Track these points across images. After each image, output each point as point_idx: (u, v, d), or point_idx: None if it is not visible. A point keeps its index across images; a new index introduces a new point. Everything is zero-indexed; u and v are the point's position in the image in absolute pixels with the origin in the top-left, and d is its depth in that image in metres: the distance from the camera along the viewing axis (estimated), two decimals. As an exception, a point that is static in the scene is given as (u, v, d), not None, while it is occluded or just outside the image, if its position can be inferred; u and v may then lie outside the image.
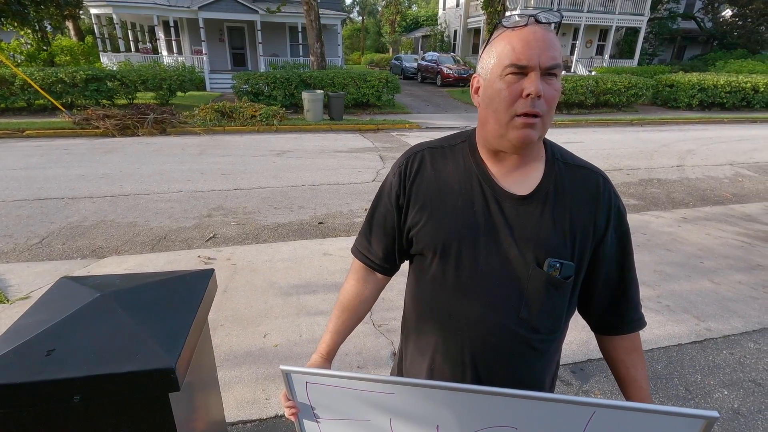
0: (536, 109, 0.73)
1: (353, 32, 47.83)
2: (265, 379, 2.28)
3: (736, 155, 8.27)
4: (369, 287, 1.01)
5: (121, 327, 0.53)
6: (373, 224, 0.97)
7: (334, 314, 1.01)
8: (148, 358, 0.49)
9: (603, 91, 13.02)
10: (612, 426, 0.64)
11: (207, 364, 0.73)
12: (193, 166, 6.60)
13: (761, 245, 4.16)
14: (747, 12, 23.99)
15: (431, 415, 0.71)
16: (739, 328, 2.83)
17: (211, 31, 18.53)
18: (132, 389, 0.49)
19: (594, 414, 0.63)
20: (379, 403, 0.73)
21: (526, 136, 0.75)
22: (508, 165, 0.83)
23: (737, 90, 13.88)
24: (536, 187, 0.82)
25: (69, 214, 4.56)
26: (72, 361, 0.49)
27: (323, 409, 0.79)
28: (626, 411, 0.63)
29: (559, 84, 0.77)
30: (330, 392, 0.75)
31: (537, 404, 0.65)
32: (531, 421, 0.66)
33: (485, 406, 0.66)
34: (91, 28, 20.21)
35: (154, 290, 0.59)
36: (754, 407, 2.19)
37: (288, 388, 0.77)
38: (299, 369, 0.75)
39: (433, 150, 0.91)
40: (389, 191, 0.92)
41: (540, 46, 0.73)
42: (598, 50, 23.94)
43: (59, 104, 9.95)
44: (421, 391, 0.70)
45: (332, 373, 0.74)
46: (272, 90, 11.38)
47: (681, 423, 0.61)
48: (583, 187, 0.84)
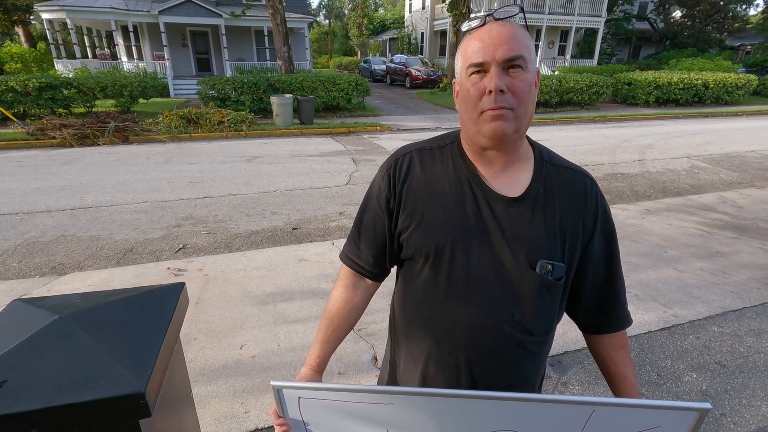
0: (500, 104, 0.73)
1: (320, 36, 47.61)
2: (244, 392, 2.21)
3: (691, 148, 8.71)
4: (359, 294, 0.97)
5: (82, 352, 0.48)
6: (362, 229, 0.94)
7: (323, 323, 0.97)
8: (115, 384, 0.45)
9: (566, 90, 13.46)
10: (609, 423, 0.64)
11: (180, 383, 0.68)
12: (158, 174, 6.37)
13: (719, 233, 4.38)
14: (695, 13, 25.41)
15: (430, 425, 0.70)
16: (703, 313, 2.96)
17: (174, 35, 18.00)
18: (98, 419, 0.45)
19: (593, 412, 0.64)
20: (377, 414, 0.71)
21: (496, 128, 0.75)
22: (497, 166, 0.83)
23: (690, 87, 14.65)
24: (526, 188, 0.82)
25: (25, 230, 4.31)
26: (28, 392, 0.44)
27: (316, 426, 0.75)
28: (625, 408, 0.64)
29: (528, 75, 0.75)
30: (324, 406, 0.72)
31: (537, 405, 0.65)
32: (530, 422, 0.66)
33: (484, 411, 0.66)
34: (44, 34, 19.27)
35: (119, 309, 0.55)
36: (721, 388, 2.29)
37: (279, 404, 0.73)
38: (291, 384, 0.70)
39: (422, 151, 0.89)
40: (378, 194, 0.90)
41: (495, 41, 0.73)
42: (560, 50, 24.75)
43: (10, 114, 9.41)
44: (420, 400, 0.68)
45: (327, 386, 0.71)
46: (240, 95, 11.16)
47: (676, 416, 0.63)
48: (571, 188, 0.85)
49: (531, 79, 0.76)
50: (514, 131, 0.77)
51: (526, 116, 0.77)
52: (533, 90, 0.77)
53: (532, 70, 0.77)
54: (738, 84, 15.14)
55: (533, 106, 0.79)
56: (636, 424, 0.64)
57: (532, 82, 0.76)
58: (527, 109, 0.77)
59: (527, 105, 0.76)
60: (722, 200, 5.47)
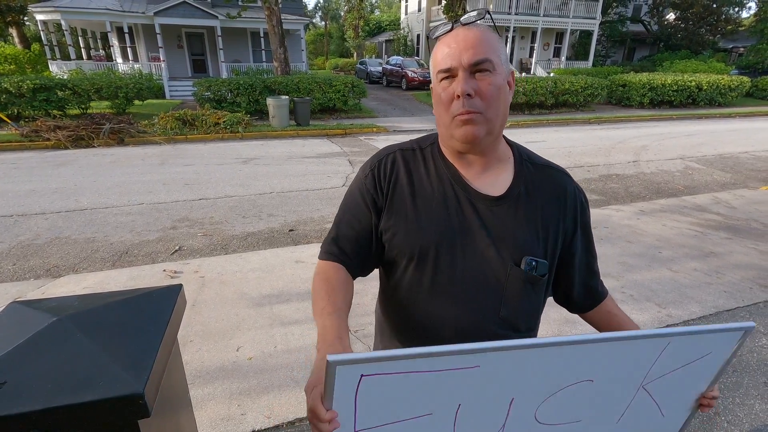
0: (468, 108, 0.74)
1: (317, 37, 47.60)
2: (240, 394, 2.21)
3: (685, 149, 8.78)
4: (343, 273, 0.88)
5: (81, 353, 0.49)
6: (342, 228, 0.90)
7: (323, 297, 0.82)
8: (114, 385, 0.46)
9: (562, 92, 13.53)
10: (677, 355, 0.68)
11: (178, 384, 0.69)
12: (154, 176, 6.34)
13: (712, 233, 4.42)
14: (688, 15, 25.63)
15: (506, 389, 0.62)
16: (697, 313, 2.99)
17: (169, 37, 17.95)
18: (97, 420, 0.45)
19: (668, 344, 0.66)
20: (453, 385, 0.59)
21: (467, 132, 0.76)
22: (477, 168, 0.84)
23: (683, 88, 14.77)
24: (508, 187, 0.84)
25: (19, 233, 4.28)
26: (27, 393, 0.45)
27: (369, 415, 0.57)
28: (694, 336, 0.67)
29: (496, 78, 0.76)
30: (387, 386, 0.55)
31: (612, 347, 0.63)
32: (605, 367, 0.65)
33: (559, 364, 0.62)
34: (38, 35, 19.18)
35: (117, 310, 0.56)
36: (715, 387, 2.31)
37: (328, 390, 0.54)
38: (354, 357, 0.52)
39: (405, 152, 0.89)
40: (363, 192, 0.88)
41: (461, 46, 0.74)
42: (555, 52, 24.90)
43: (4, 116, 9.35)
44: (508, 357, 0.59)
45: (407, 352, 0.54)
46: (236, 96, 11.14)
47: (725, 338, 0.70)
48: (551, 186, 0.87)
49: (500, 82, 0.77)
50: (486, 134, 0.78)
51: (497, 118, 0.78)
52: (503, 92, 0.78)
53: (501, 72, 0.77)
54: (731, 86, 15.28)
55: (505, 108, 0.80)
56: (696, 352, 0.69)
57: (501, 84, 0.77)
58: (498, 111, 0.78)
59: (497, 107, 0.77)
60: (716, 201, 5.52)
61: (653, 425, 0.78)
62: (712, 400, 0.79)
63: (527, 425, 0.67)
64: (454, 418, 0.62)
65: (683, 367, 0.71)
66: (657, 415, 0.77)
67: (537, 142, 9.25)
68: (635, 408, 0.73)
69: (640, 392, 0.71)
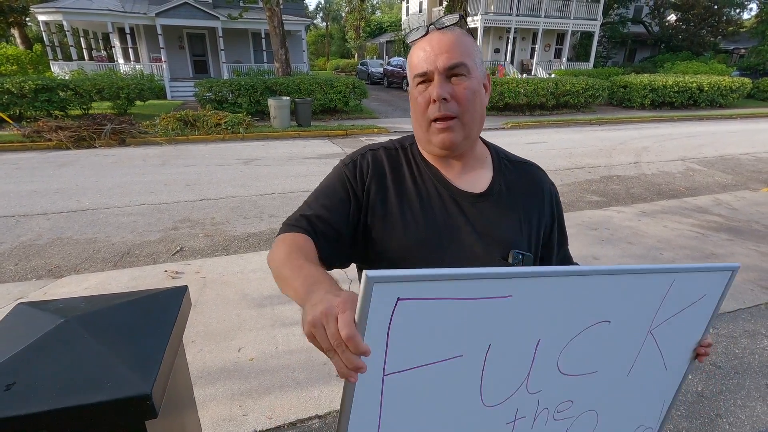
0: (445, 112, 0.75)
1: (318, 38, 47.66)
2: (242, 395, 2.21)
3: (686, 151, 8.78)
4: (312, 245, 0.77)
5: (89, 354, 0.49)
6: (313, 207, 0.83)
7: (296, 258, 0.70)
8: (121, 386, 0.46)
9: (563, 93, 13.53)
10: (679, 294, 0.73)
11: (183, 385, 0.69)
12: (155, 177, 6.36)
13: (713, 235, 4.42)
14: (689, 17, 25.63)
15: (534, 327, 0.62)
16: (698, 315, 2.99)
17: (170, 38, 17.99)
18: (105, 420, 0.46)
19: (674, 282, 0.71)
20: (485, 319, 0.56)
21: (444, 139, 0.78)
22: (456, 169, 0.86)
23: (684, 90, 14.77)
24: (489, 184, 0.86)
25: (21, 233, 4.29)
26: (35, 394, 0.45)
27: (400, 355, 0.52)
28: (693, 273, 0.73)
29: (471, 82, 0.76)
30: (422, 315, 0.51)
31: (629, 280, 0.66)
32: (621, 305, 0.68)
33: (584, 297, 0.64)
34: (40, 36, 19.24)
35: (124, 312, 0.56)
36: (716, 389, 2.31)
37: (361, 316, 0.47)
38: (393, 273, 0.47)
39: (388, 150, 0.89)
40: (342, 180, 0.84)
41: (436, 50, 0.75)
42: (556, 53, 24.90)
43: (6, 116, 9.37)
44: (539, 286, 0.58)
45: (444, 271, 0.50)
46: (237, 97, 11.15)
47: (716, 279, 0.77)
48: (528, 181, 0.91)
49: (475, 86, 0.78)
50: (464, 139, 0.79)
51: (473, 122, 0.79)
52: (479, 96, 0.79)
53: (477, 76, 0.78)
54: (732, 87, 15.27)
55: (482, 111, 0.82)
56: (695, 293, 0.76)
57: (476, 89, 0.78)
58: (474, 115, 0.79)
59: (473, 111, 0.78)
60: (717, 202, 5.52)
61: (658, 379, 0.83)
62: (708, 348, 0.87)
63: (550, 375, 0.67)
64: (483, 363, 0.59)
65: (683, 311, 0.76)
66: (661, 369, 0.82)
67: (538, 143, 9.26)
68: (643, 359, 0.77)
69: (648, 339, 0.75)
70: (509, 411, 0.67)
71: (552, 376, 0.68)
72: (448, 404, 0.60)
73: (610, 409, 0.81)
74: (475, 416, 0.64)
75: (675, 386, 0.89)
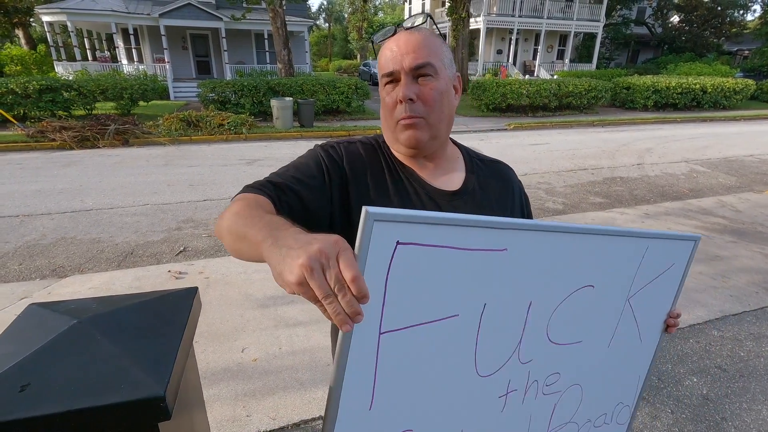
0: (411, 113, 0.75)
1: (320, 39, 47.75)
2: (245, 396, 2.21)
3: (689, 152, 8.75)
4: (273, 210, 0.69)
5: (102, 355, 0.49)
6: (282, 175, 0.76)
7: (253, 210, 0.62)
8: (135, 388, 0.46)
9: (565, 94, 13.51)
10: (653, 261, 0.79)
11: (193, 386, 0.69)
12: (159, 177, 6.37)
13: (718, 237, 4.40)
14: (693, 18, 25.58)
15: (526, 288, 0.63)
16: (703, 317, 2.98)
17: (174, 38, 18.04)
18: (118, 422, 0.46)
19: (647, 249, 0.77)
20: (481, 274, 0.56)
21: (410, 136, 0.77)
22: (429, 169, 0.86)
23: (688, 91, 14.73)
24: (463, 183, 0.86)
25: (25, 233, 4.30)
26: (49, 395, 0.45)
27: (397, 311, 0.50)
28: (663, 240, 0.79)
29: (438, 82, 0.76)
30: (420, 265, 0.49)
31: (611, 242, 0.71)
32: (602, 273, 0.72)
33: (572, 255, 0.67)
34: (44, 36, 19.33)
35: (136, 313, 0.56)
36: (721, 392, 2.30)
37: (360, 257, 0.44)
38: (393, 212, 0.44)
39: (365, 144, 0.87)
40: (317, 160, 0.80)
41: (403, 50, 0.75)
42: (559, 55, 24.87)
43: (10, 116, 9.41)
44: (534, 241, 0.60)
45: (444, 215, 0.49)
46: (240, 98, 11.18)
47: (682, 250, 0.84)
48: (500, 179, 0.92)
49: (442, 86, 0.77)
50: (430, 138, 0.79)
51: (441, 123, 0.79)
52: (446, 96, 0.79)
53: (444, 76, 0.78)
54: (736, 88, 15.22)
55: (450, 112, 0.81)
56: (665, 261, 0.82)
57: (443, 89, 0.78)
58: (441, 116, 0.78)
59: (440, 112, 0.78)
60: (721, 204, 5.50)
61: (634, 353, 0.88)
62: (677, 319, 0.92)
63: (540, 342, 0.70)
64: (479, 324, 0.59)
65: (655, 280, 0.82)
66: (636, 341, 0.87)
67: (540, 145, 9.24)
68: (621, 330, 0.82)
69: (626, 307, 0.80)
70: (502, 382, 0.68)
71: (542, 344, 0.71)
72: (444, 371, 0.59)
73: (594, 384, 0.85)
74: (469, 387, 0.64)
75: (648, 360, 0.93)
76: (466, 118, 12.85)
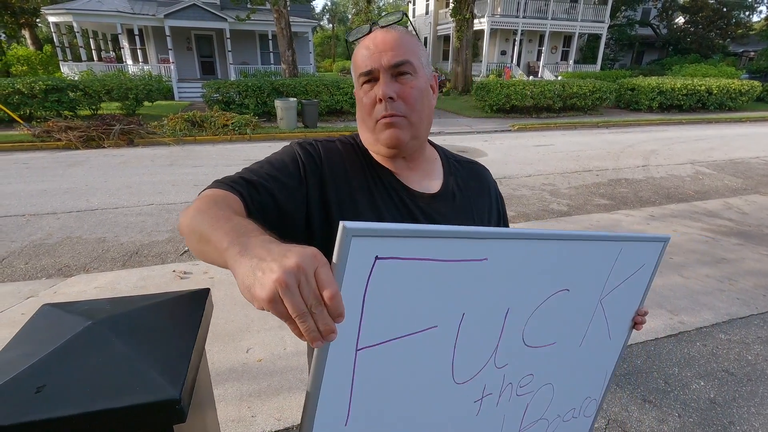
0: (391, 111, 0.73)
1: (324, 40, 47.83)
2: (250, 396, 2.21)
3: (695, 154, 8.70)
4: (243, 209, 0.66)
5: (117, 357, 0.49)
6: (255, 172, 0.74)
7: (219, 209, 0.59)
8: (150, 390, 0.46)
9: (569, 95, 13.47)
10: (625, 263, 0.79)
11: (205, 387, 0.69)
12: (164, 177, 6.39)
13: (724, 239, 4.37)
14: (698, 19, 25.47)
15: (504, 295, 0.63)
16: (710, 320, 2.95)
17: (178, 39, 18.12)
18: (134, 424, 0.46)
19: (621, 251, 0.77)
20: (460, 285, 0.55)
21: (391, 135, 0.75)
22: (407, 170, 0.84)
23: (693, 92, 14.65)
24: (442, 184, 0.86)
25: (31, 232, 4.33)
26: (65, 397, 0.45)
27: (374, 326, 0.49)
28: (635, 242, 0.79)
29: (417, 81, 0.75)
30: (399, 279, 0.48)
31: (584, 256, 0.72)
32: (577, 277, 0.73)
33: (549, 261, 0.67)
34: (50, 37, 19.45)
35: (149, 314, 0.56)
36: (729, 396, 2.28)
37: (337, 273, 0.43)
38: (371, 226, 0.43)
39: (344, 144, 0.85)
40: (294, 157, 0.78)
41: (380, 47, 0.73)
42: (563, 56, 24.81)
43: (17, 116, 9.47)
44: (513, 249, 0.59)
45: (423, 227, 0.48)
46: (244, 98, 11.20)
47: (651, 251, 0.84)
48: (477, 180, 0.92)
49: (422, 85, 0.76)
50: (411, 138, 0.77)
51: (421, 123, 0.78)
52: (426, 95, 0.78)
53: (423, 75, 0.77)
54: (742, 90, 15.13)
55: (429, 112, 0.80)
56: (636, 262, 0.82)
57: (423, 88, 0.76)
58: (421, 116, 0.77)
59: (420, 111, 0.77)
60: (727, 206, 5.46)
61: (603, 349, 0.90)
62: (644, 317, 0.93)
63: (516, 347, 0.70)
64: (457, 334, 0.58)
65: (626, 280, 0.83)
66: (606, 338, 0.88)
67: (545, 146, 9.22)
68: (593, 329, 0.83)
69: (598, 308, 0.81)
70: (477, 388, 0.68)
71: (517, 348, 0.71)
72: (420, 381, 0.58)
73: (564, 382, 0.86)
74: (445, 395, 0.63)
75: (616, 356, 0.95)
76: (470, 119, 12.83)
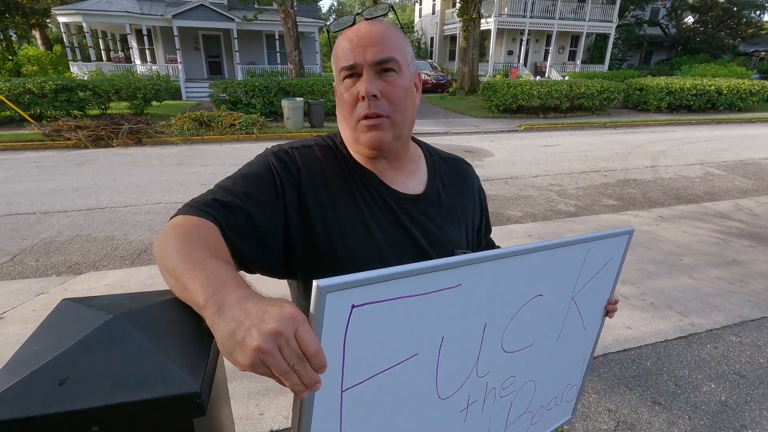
0: (374, 110, 0.70)
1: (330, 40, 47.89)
2: (258, 394, 2.22)
3: (705, 155, 8.62)
4: (220, 237, 0.64)
5: (137, 351, 0.50)
6: (230, 190, 0.71)
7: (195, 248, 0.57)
8: (171, 383, 0.46)
9: (577, 96, 13.39)
10: (593, 261, 0.81)
11: (221, 381, 0.69)
12: (171, 176, 6.44)
13: (735, 241, 4.33)
14: (708, 18, 25.21)
15: (481, 311, 0.64)
16: (720, 322, 2.92)
17: (186, 39, 18.25)
18: (155, 417, 0.46)
19: (588, 251, 0.79)
20: (437, 312, 0.57)
21: (374, 138, 0.72)
22: (391, 170, 0.80)
23: (702, 93, 14.51)
24: (427, 185, 0.84)
25: (42, 230, 4.37)
26: (88, 389, 0.45)
27: (356, 367, 0.50)
28: (602, 240, 0.81)
29: (402, 79, 0.72)
30: (376, 320, 0.50)
31: (554, 262, 0.73)
32: (551, 277, 0.74)
33: (523, 274, 0.68)
34: (60, 37, 19.66)
35: (168, 309, 0.56)
36: (740, 399, 2.25)
37: (316, 322, 0.44)
38: (344, 279, 0.45)
39: (322, 148, 0.80)
40: (270, 168, 0.74)
41: (365, 42, 0.69)
42: (571, 56, 24.67)
43: (27, 116, 9.59)
44: (485, 270, 0.60)
45: (395, 270, 0.49)
46: (251, 98, 11.26)
47: (617, 245, 0.86)
48: (461, 177, 0.91)
49: (406, 84, 0.73)
50: (394, 139, 0.74)
51: (404, 122, 0.75)
52: (410, 94, 0.75)
53: (407, 73, 0.73)
54: (752, 90, 14.95)
55: (413, 111, 0.77)
56: (604, 258, 0.84)
57: (407, 87, 0.73)
58: (405, 115, 0.74)
59: (404, 111, 0.73)
60: (737, 208, 5.40)
61: (579, 341, 0.93)
62: (615, 305, 0.93)
63: (496, 355, 0.71)
64: (438, 357, 0.60)
65: (596, 276, 0.85)
66: (581, 330, 0.91)
67: (552, 146, 9.17)
68: (568, 325, 0.85)
69: (571, 305, 0.83)
70: (462, 399, 0.70)
71: (497, 356, 0.72)
72: (406, 405, 0.60)
73: (545, 376, 0.88)
74: (432, 411, 0.65)
75: (591, 344, 0.99)
76: (477, 119, 12.80)
